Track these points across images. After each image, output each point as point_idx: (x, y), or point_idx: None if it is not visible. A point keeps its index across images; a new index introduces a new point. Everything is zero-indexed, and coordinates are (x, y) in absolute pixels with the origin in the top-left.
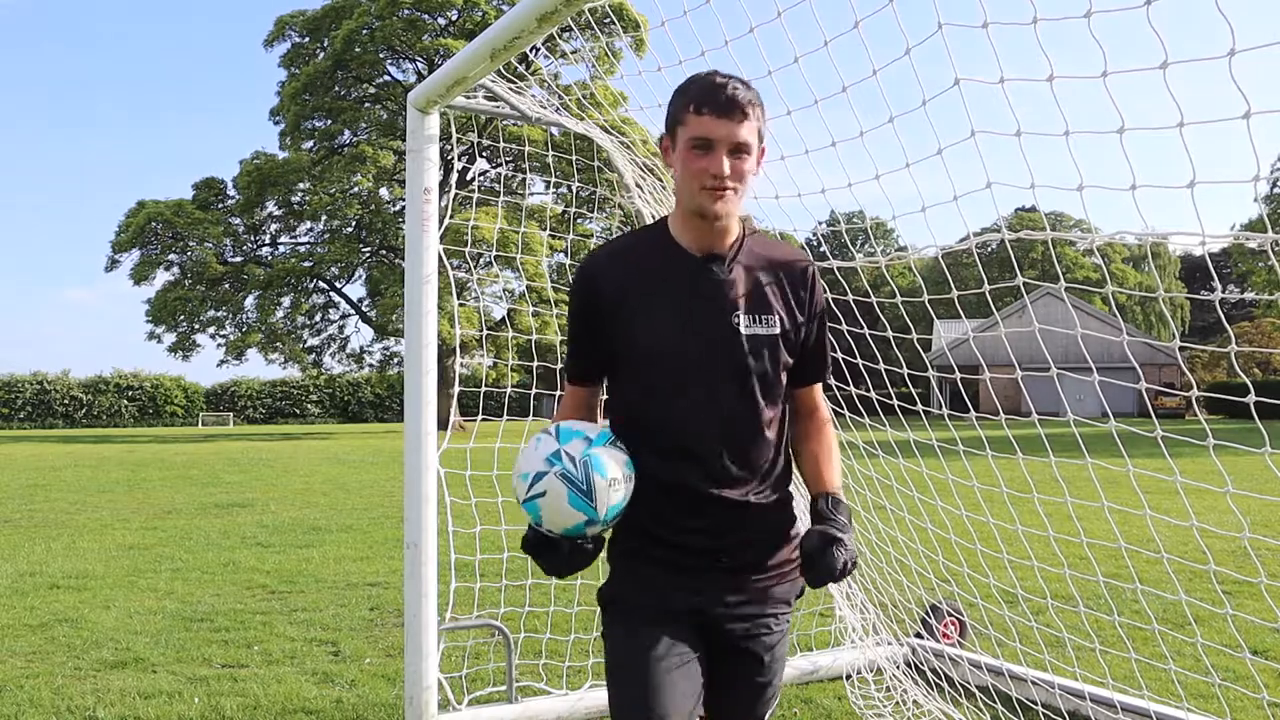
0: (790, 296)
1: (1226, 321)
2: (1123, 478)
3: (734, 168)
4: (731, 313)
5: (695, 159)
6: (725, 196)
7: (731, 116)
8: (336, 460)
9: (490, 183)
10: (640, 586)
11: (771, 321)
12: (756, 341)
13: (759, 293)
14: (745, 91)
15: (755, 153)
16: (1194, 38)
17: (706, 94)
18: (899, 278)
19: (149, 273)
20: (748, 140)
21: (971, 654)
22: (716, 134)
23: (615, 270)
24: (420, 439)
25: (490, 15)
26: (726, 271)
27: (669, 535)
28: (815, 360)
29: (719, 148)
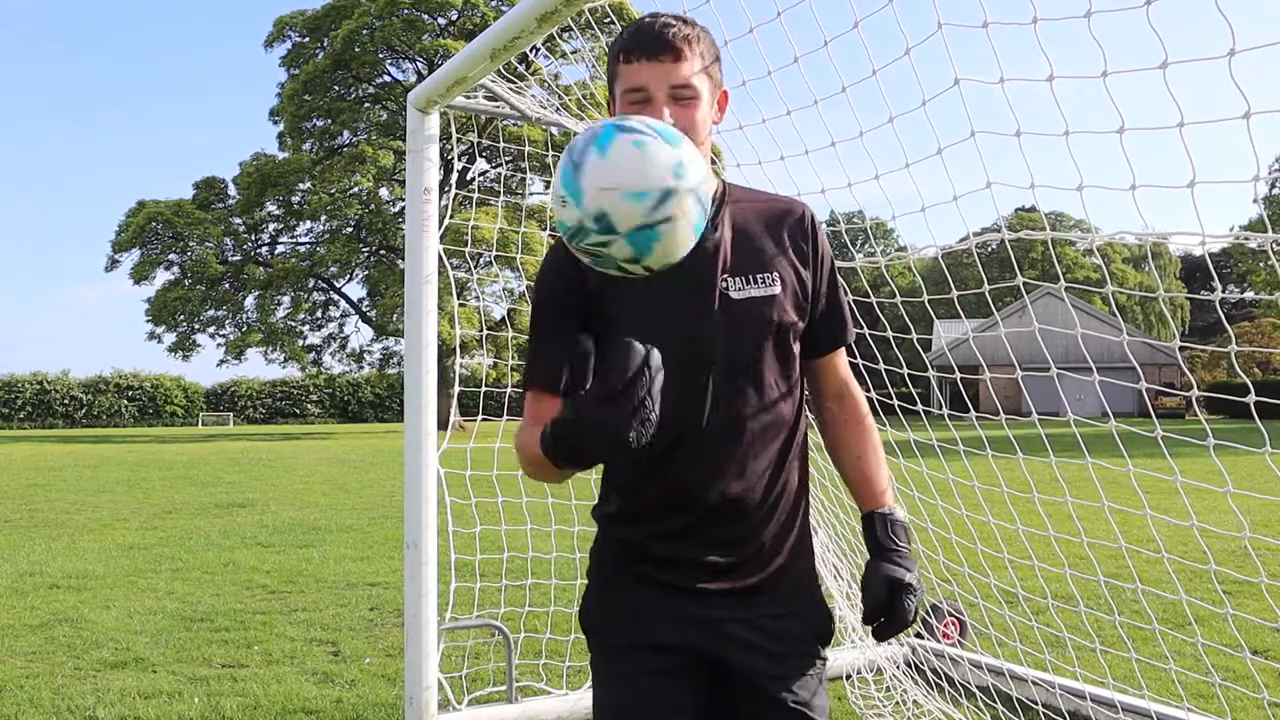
0: (791, 248)
1: (1227, 321)
2: (1123, 478)
3: (679, 116)
4: (718, 277)
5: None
6: None
7: (663, 56)
8: (336, 460)
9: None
10: (626, 613)
11: (768, 280)
12: (753, 306)
13: (750, 250)
14: (681, 27)
15: (708, 95)
16: (1194, 38)
17: (635, 37)
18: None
19: (149, 272)
20: (689, 81)
21: (972, 654)
22: (650, 81)
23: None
24: (420, 439)
25: (490, 15)
26: (710, 231)
27: (659, 549)
28: (829, 320)
29: (656, 95)
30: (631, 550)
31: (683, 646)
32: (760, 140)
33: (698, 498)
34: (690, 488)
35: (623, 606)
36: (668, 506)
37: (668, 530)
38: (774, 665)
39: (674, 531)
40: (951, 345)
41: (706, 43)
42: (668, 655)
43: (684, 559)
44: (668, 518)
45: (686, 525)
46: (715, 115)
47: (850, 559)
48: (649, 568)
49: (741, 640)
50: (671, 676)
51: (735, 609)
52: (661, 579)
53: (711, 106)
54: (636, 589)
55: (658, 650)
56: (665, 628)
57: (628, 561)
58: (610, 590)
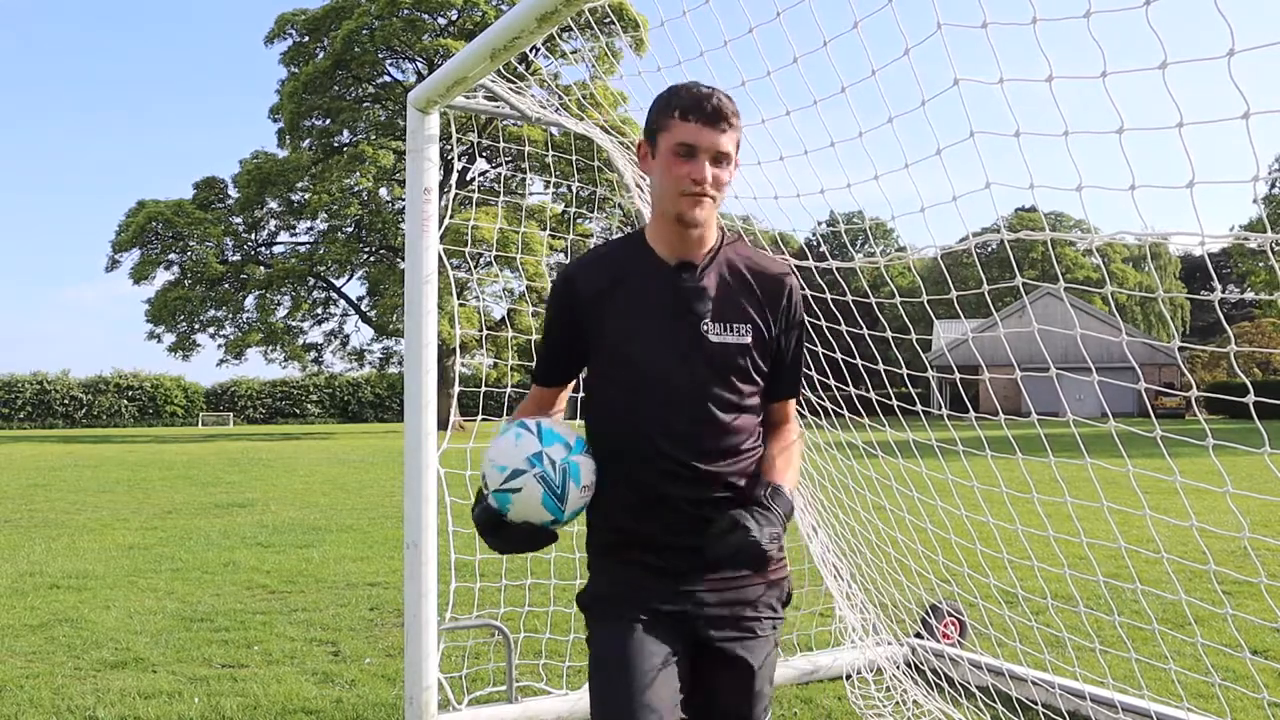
0: (765, 306)
1: (1226, 322)
2: (1122, 478)
3: (715, 176)
4: (701, 320)
5: (679, 164)
6: (704, 203)
7: (717, 125)
8: (336, 460)
9: (490, 183)
10: (620, 588)
11: (743, 330)
12: (724, 349)
13: (731, 300)
14: (729, 103)
15: (733, 164)
16: (1193, 38)
17: (694, 102)
18: (899, 278)
19: (149, 272)
20: (729, 150)
21: (971, 654)
22: (701, 141)
23: (594, 275)
24: (420, 439)
25: (490, 15)
26: (698, 279)
27: (645, 536)
28: (789, 376)
29: (702, 155)
30: (621, 541)
31: (665, 613)
32: (760, 140)
33: (675, 501)
34: (667, 494)
35: (615, 587)
36: (651, 507)
37: (652, 525)
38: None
39: (656, 526)
40: (951, 346)
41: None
42: (653, 616)
43: (665, 547)
44: (651, 516)
45: (666, 522)
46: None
47: (850, 559)
48: (637, 554)
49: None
50: (654, 626)
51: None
52: (648, 563)
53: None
54: (627, 572)
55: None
56: (652, 597)
57: (618, 549)
58: (604, 574)
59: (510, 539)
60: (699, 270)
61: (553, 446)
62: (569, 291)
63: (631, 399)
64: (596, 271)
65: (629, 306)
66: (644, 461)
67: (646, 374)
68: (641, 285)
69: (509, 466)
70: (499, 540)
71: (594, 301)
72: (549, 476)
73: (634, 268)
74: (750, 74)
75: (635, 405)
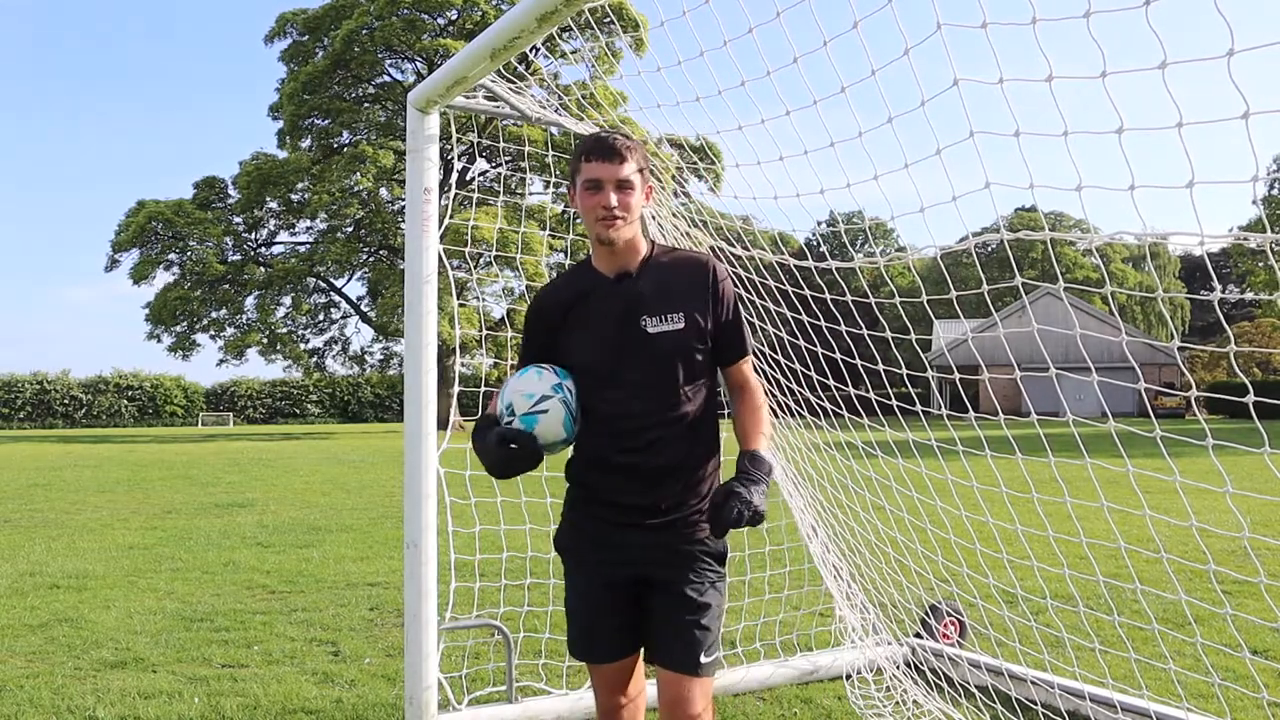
0: (692, 293)
1: (1226, 322)
2: (1122, 478)
3: (620, 200)
4: (639, 317)
5: (589, 197)
6: (615, 224)
7: (612, 159)
8: (336, 460)
9: (490, 183)
10: (585, 538)
11: (676, 318)
12: (665, 338)
13: (663, 296)
14: (627, 141)
15: (640, 187)
16: (1193, 38)
17: (592, 145)
18: (898, 278)
19: (149, 272)
20: (629, 177)
21: (971, 654)
22: (603, 175)
23: (558, 297)
24: (420, 439)
25: (490, 15)
26: (634, 284)
27: (605, 495)
28: (730, 341)
29: (606, 186)
30: (587, 497)
31: (621, 560)
32: (759, 141)
33: (632, 469)
34: (626, 462)
35: (580, 536)
36: (612, 473)
37: (612, 487)
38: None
39: (616, 488)
40: (951, 346)
41: (642, 152)
42: (609, 568)
43: (622, 504)
44: (612, 480)
45: (625, 485)
46: (643, 200)
47: (850, 559)
48: (598, 509)
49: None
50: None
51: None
52: (607, 517)
53: (640, 193)
54: (590, 523)
55: (603, 560)
56: (608, 551)
57: (585, 504)
58: (573, 525)
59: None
60: (635, 275)
61: (566, 380)
62: (541, 314)
63: (597, 389)
64: (560, 296)
65: (583, 319)
66: (605, 436)
67: (603, 365)
68: (590, 299)
69: (536, 394)
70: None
71: (559, 320)
72: (569, 401)
73: (584, 286)
74: (750, 74)
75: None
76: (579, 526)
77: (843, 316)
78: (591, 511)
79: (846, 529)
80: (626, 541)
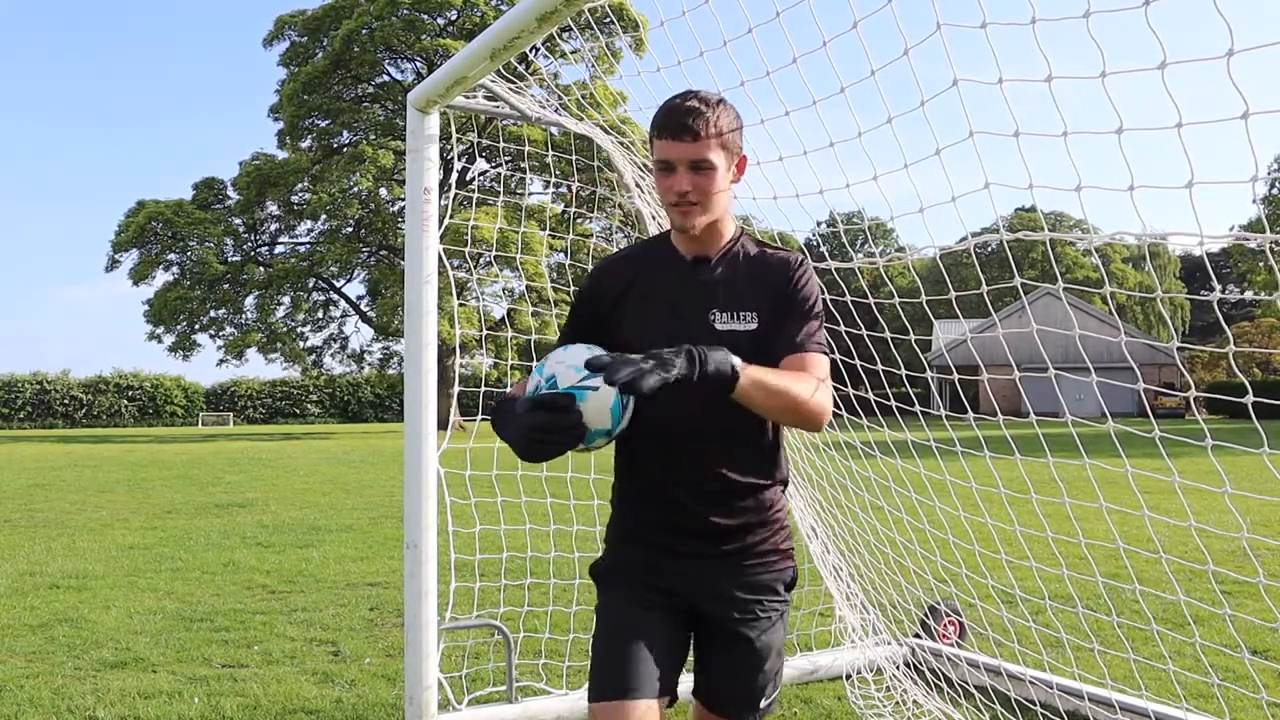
0: (772, 293)
1: (1226, 323)
2: (1121, 478)
3: (696, 184)
4: (709, 310)
5: (662, 179)
6: (690, 211)
7: (683, 138)
8: (336, 460)
9: (490, 183)
10: (629, 564)
11: (749, 318)
12: (732, 337)
13: (739, 291)
14: (702, 111)
15: (723, 166)
16: (1193, 38)
17: (664, 119)
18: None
19: (149, 273)
20: (705, 157)
21: (970, 654)
22: (673, 155)
23: (621, 270)
24: (420, 439)
25: (489, 15)
26: (711, 272)
27: (656, 517)
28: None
29: (679, 167)
30: (634, 521)
31: (669, 590)
32: (759, 141)
33: (684, 488)
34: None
35: (624, 559)
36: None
37: (661, 509)
38: (741, 614)
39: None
40: (950, 346)
41: (726, 119)
42: (658, 593)
43: (673, 528)
44: (660, 501)
45: (675, 507)
46: (734, 176)
47: (849, 559)
48: (647, 533)
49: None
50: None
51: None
52: (656, 543)
53: (728, 172)
54: (636, 549)
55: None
56: (658, 575)
57: (630, 530)
58: (615, 552)
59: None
60: (713, 263)
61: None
62: (598, 285)
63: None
64: (625, 269)
65: (644, 300)
66: (653, 445)
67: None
68: (657, 279)
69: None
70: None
71: (619, 296)
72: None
73: (654, 263)
74: (750, 74)
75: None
76: (623, 553)
77: (842, 317)
78: (638, 537)
79: (846, 529)
80: (680, 571)
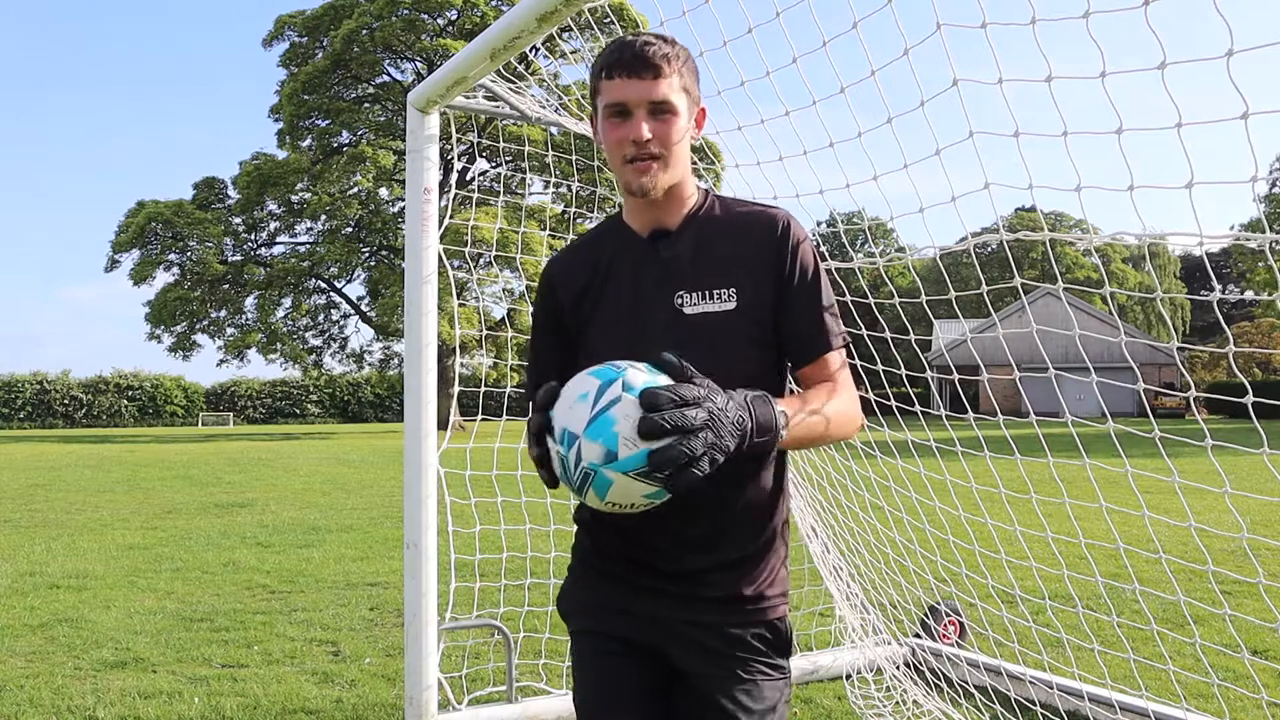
0: (752, 259)
1: (1226, 323)
2: (1121, 478)
3: (656, 131)
4: (675, 293)
5: (613, 129)
6: (650, 167)
7: (643, 74)
8: (336, 460)
9: (490, 183)
10: (592, 605)
11: (725, 296)
12: (706, 322)
13: (710, 264)
14: (661, 46)
15: (685, 112)
16: (1192, 38)
17: (615, 54)
18: (898, 278)
19: (149, 273)
20: (667, 98)
21: (970, 654)
22: (629, 95)
23: (572, 268)
24: (420, 439)
25: (489, 15)
26: (672, 246)
27: (620, 546)
28: (807, 332)
29: (636, 111)
30: (597, 547)
31: (637, 640)
32: (759, 141)
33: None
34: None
35: (587, 596)
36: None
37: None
38: (713, 667)
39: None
40: (950, 346)
41: (686, 61)
42: (624, 643)
43: (639, 561)
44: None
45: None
46: (694, 131)
47: (849, 559)
48: (611, 564)
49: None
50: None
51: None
52: (621, 575)
53: (689, 122)
54: (600, 582)
55: (615, 636)
56: (624, 618)
57: (593, 556)
58: (576, 582)
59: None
60: (673, 236)
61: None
62: (550, 293)
63: None
64: (576, 265)
65: (607, 295)
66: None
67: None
68: (617, 267)
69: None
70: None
71: (576, 299)
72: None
73: (611, 250)
74: (749, 74)
75: None
76: (588, 586)
77: (842, 317)
78: (602, 568)
79: (846, 529)
80: (650, 614)
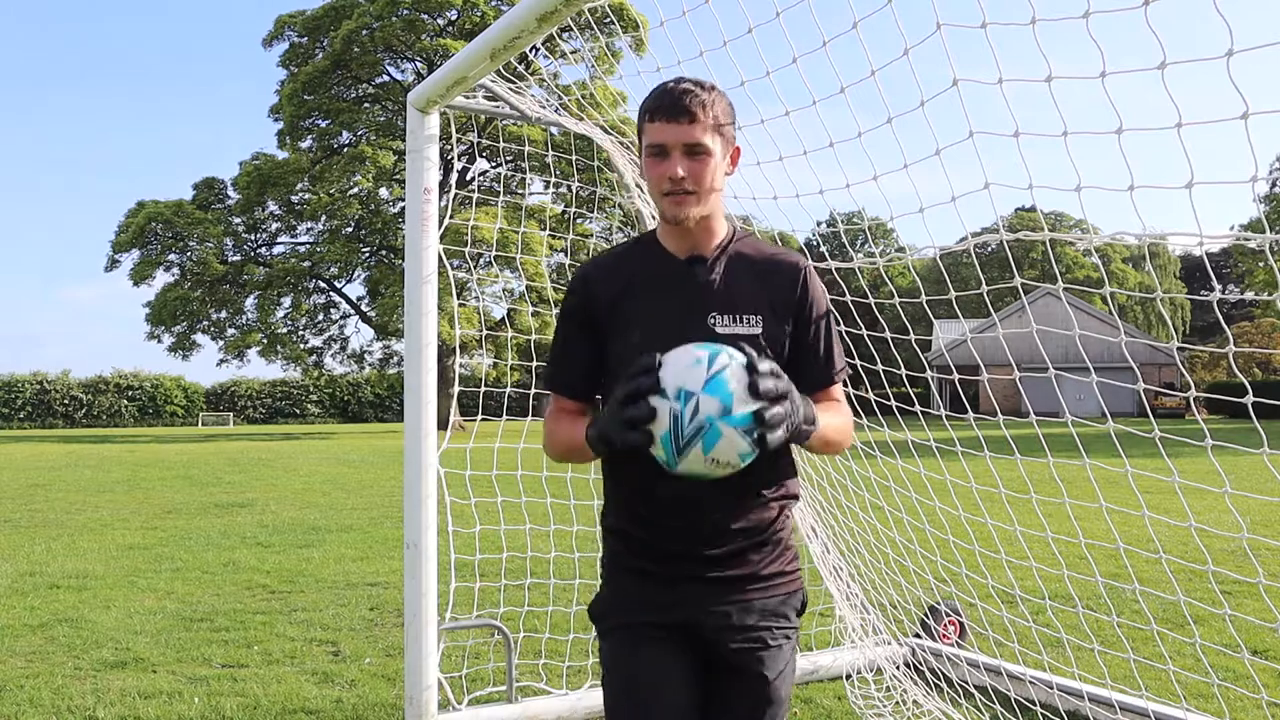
0: (775, 296)
1: (1226, 323)
2: (1121, 478)
3: (690, 169)
4: (708, 313)
5: (653, 165)
6: (685, 200)
7: (679, 119)
8: (336, 460)
9: (490, 183)
10: (626, 600)
11: (752, 321)
12: (734, 340)
13: (740, 292)
14: (698, 94)
15: (719, 153)
16: (1192, 38)
17: (657, 100)
18: (898, 278)
19: (149, 273)
20: (701, 141)
21: (970, 654)
22: (668, 138)
23: (611, 274)
24: (420, 439)
25: (489, 15)
26: (708, 272)
27: (652, 542)
28: (819, 363)
29: (673, 151)
30: (631, 545)
31: (671, 624)
32: (759, 141)
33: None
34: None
35: (621, 593)
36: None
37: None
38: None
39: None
40: (950, 346)
41: (721, 105)
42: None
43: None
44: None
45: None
46: (728, 168)
47: (849, 559)
48: (643, 561)
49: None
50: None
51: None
52: (653, 571)
53: (723, 159)
54: (632, 579)
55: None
56: (657, 608)
57: (624, 557)
58: (611, 584)
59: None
60: (709, 263)
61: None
62: (588, 292)
63: None
64: (615, 272)
65: (643, 306)
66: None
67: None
68: (654, 284)
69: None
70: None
71: (612, 303)
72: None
73: (646, 266)
74: (749, 74)
75: None
76: (622, 588)
77: (842, 317)
78: (635, 566)
79: (846, 529)
80: (684, 599)
